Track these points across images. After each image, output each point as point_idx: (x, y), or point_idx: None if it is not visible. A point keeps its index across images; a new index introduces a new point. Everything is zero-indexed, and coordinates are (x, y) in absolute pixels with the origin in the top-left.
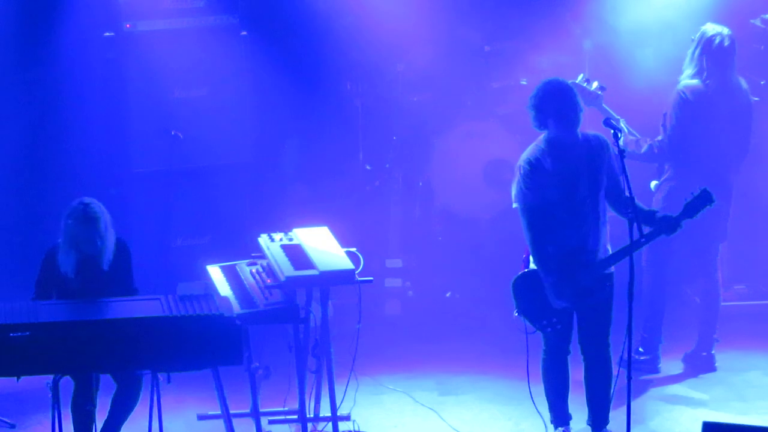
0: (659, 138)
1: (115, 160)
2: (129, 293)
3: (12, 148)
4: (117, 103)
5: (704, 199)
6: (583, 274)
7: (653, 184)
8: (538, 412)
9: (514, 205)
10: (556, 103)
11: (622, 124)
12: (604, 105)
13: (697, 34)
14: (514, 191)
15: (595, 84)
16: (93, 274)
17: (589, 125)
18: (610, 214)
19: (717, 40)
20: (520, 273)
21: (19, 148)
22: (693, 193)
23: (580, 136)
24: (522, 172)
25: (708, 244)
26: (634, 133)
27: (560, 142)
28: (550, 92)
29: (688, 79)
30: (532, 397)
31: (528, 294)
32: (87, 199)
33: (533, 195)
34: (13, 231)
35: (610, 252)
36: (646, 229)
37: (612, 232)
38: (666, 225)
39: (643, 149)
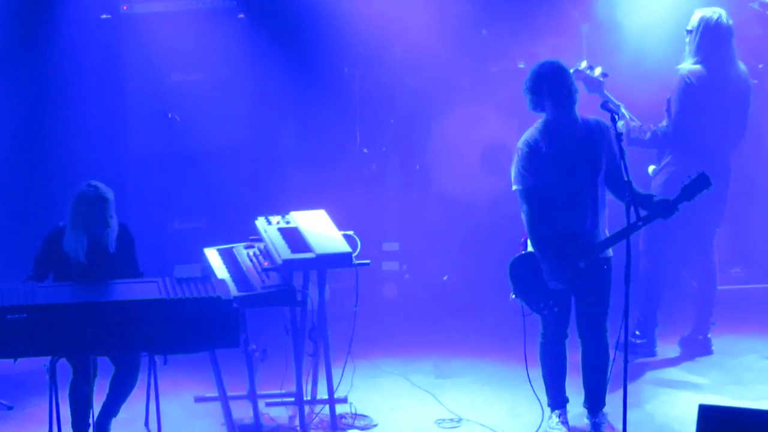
0: (663, 124)
1: (112, 143)
2: (135, 277)
3: (9, 130)
4: (114, 86)
5: (702, 182)
6: (581, 257)
7: (651, 169)
8: (536, 395)
9: (514, 188)
10: (550, 85)
11: (623, 110)
12: (605, 92)
13: (694, 21)
14: (512, 173)
15: (597, 70)
16: (101, 256)
17: (591, 111)
18: (608, 197)
19: (714, 22)
20: (517, 255)
21: (16, 131)
22: (690, 176)
23: (579, 119)
24: (520, 154)
25: (705, 228)
26: (634, 119)
27: (558, 125)
28: (544, 74)
29: (690, 64)
30: (529, 380)
31: (525, 276)
32: (94, 182)
33: (531, 177)
34: (10, 213)
35: (608, 235)
36: (644, 213)
37: (609, 216)
38: (663, 208)
39: (647, 135)
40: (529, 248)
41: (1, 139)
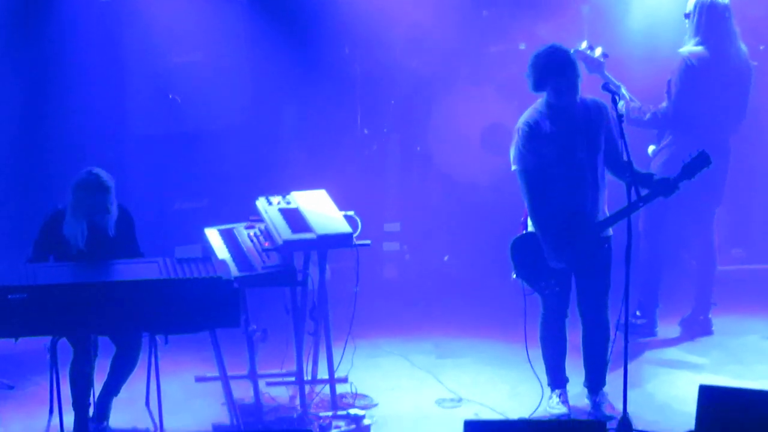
0: (663, 104)
1: (113, 124)
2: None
3: (10, 111)
4: (115, 67)
5: (702, 160)
6: (581, 236)
7: (651, 149)
8: (536, 375)
9: (513, 168)
10: (553, 70)
11: (623, 91)
12: (606, 72)
13: (690, 5)
14: (512, 153)
15: (598, 51)
16: (100, 241)
17: (591, 91)
18: (608, 178)
19: (710, 2)
20: (518, 235)
21: (18, 112)
22: (691, 154)
23: (578, 100)
24: (520, 134)
25: (704, 209)
26: (634, 99)
27: (559, 106)
28: (546, 59)
29: (692, 45)
30: (529, 360)
31: (526, 256)
32: (95, 169)
33: (532, 157)
34: (12, 194)
35: (608, 215)
36: (644, 192)
37: (609, 196)
38: (664, 187)
39: (647, 116)
40: (530, 228)
41: (2, 120)
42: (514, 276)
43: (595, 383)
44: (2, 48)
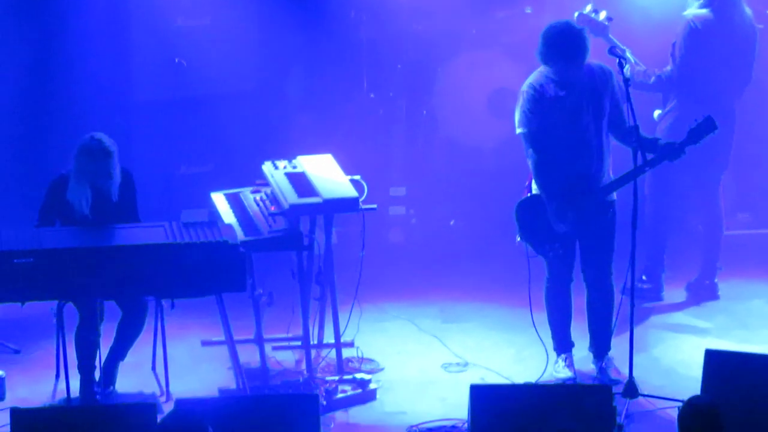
0: (668, 68)
1: (119, 89)
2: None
3: (16, 77)
4: (120, 31)
5: (708, 125)
6: (585, 200)
7: (656, 113)
8: (541, 339)
9: (518, 131)
10: (562, 52)
11: (628, 54)
12: (610, 35)
13: None
14: (517, 116)
15: (602, 14)
16: (104, 206)
17: (597, 55)
18: (613, 143)
19: None
20: (522, 198)
21: (23, 78)
22: (697, 120)
23: (584, 66)
24: (525, 97)
25: (710, 173)
26: (640, 63)
27: (565, 71)
28: (557, 39)
29: (696, 8)
30: (534, 325)
31: (530, 219)
32: (98, 135)
33: (536, 120)
34: (18, 159)
35: (614, 178)
36: (650, 156)
37: (615, 161)
38: (669, 151)
39: (652, 79)
40: (534, 191)
41: (7, 86)
42: (519, 239)
43: (600, 348)
44: (6, 14)
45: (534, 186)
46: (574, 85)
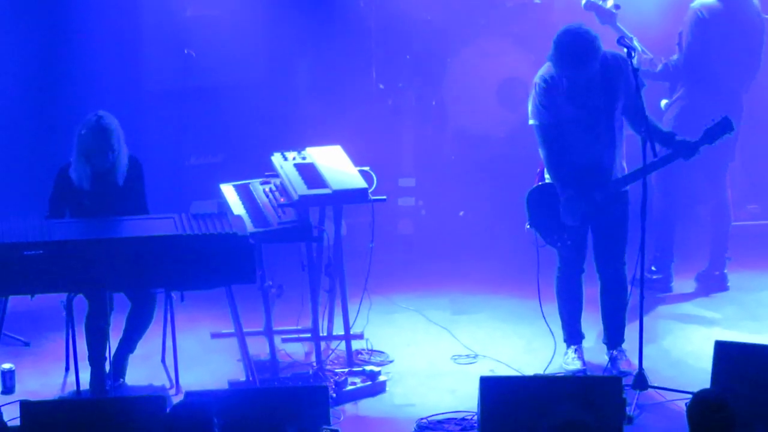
0: (675, 57)
1: (128, 79)
2: (141, 213)
3: (25, 68)
4: (130, 21)
5: (725, 126)
6: (597, 191)
7: (663, 103)
8: (550, 330)
9: (531, 122)
10: (569, 63)
11: (635, 43)
12: (618, 23)
13: None
14: (529, 108)
15: (610, 2)
16: (107, 188)
17: (604, 43)
18: (628, 132)
19: None
20: (535, 185)
21: (33, 67)
22: (714, 119)
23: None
24: (537, 89)
25: (717, 163)
26: (647, 51)
27: (575, 78)
28: (566, 49)
29: None
30: (543, 316)
31: (541, 207)
32: (101, 112)
33: (548, 112)
34: (27, 150)
35: (626, 170)
36: (663, 152)
37: (628, 151)
38: (684, 149)
39: (659, 68)
40: (547, 179)
41: (16, 75)
42: (528, 226)
43: (613, 339)
44: (16, 4)
45: (546, 174)
46: (585, 75)
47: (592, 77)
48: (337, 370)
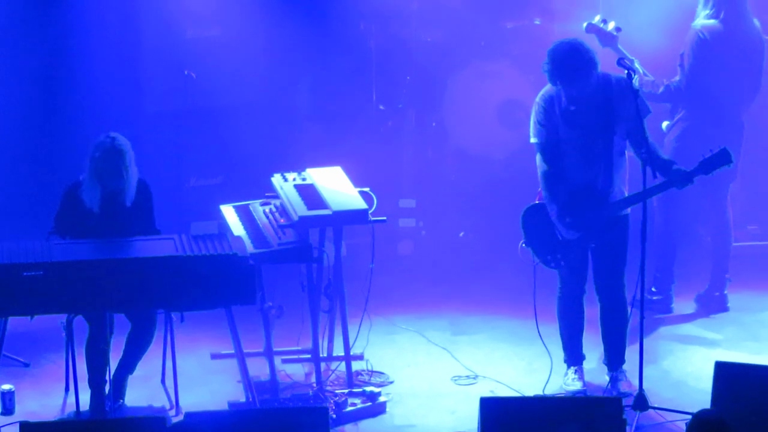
0: (677, 78)
1: (129, 100)
2: (151, 234)
3: (26, 87)
4: (130, 43)
5: (722, 158)
6: (592, 212)
7: (665, 124)
8: (547, 349)
9: (531, 140)
10: (568, 70)
11: (636, 65)
12: (619, 46)
13: None
14: (531, 126)
15: (611, 24)
16: (116, 209)
17: (605, 65)
18: (629, 154)
19: None
20: (530, 204)
21: (34, 88)
22: (711, 150)
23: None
24: (537, 108)
25: (718, 184)
26: (648, 73)
27: (569, 92)
28: (560, 64)
29: (704, 19)
30: (539, 334)
31: (536, 226)
32: (113, 134)
33: (546, 132)
34: (28, 170)
35: (626, 193)
36: (658, 180)
37: (629, 173)
38: (678, 178)
39: (660, 90)
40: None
41: (18, 95)
42: (523, 244)
43: (614, 361)
44: (18, 24)
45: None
46: (585, 99)
47: (591, 97)
48: (337, 391)
